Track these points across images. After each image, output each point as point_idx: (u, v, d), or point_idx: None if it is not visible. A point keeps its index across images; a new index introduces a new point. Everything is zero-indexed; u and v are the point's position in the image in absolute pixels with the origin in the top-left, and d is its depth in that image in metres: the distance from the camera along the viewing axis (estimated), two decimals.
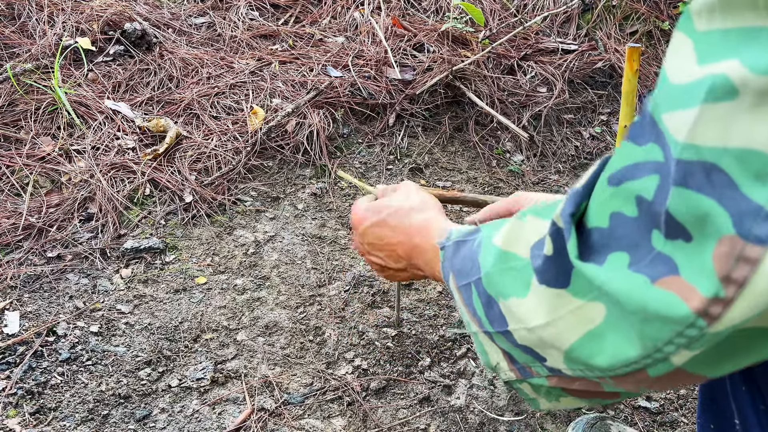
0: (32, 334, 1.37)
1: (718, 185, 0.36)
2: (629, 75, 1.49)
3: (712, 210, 0.36)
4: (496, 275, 0.56)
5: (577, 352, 0.47)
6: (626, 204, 0.43)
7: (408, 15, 2.58)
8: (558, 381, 0.54)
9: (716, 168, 0.36)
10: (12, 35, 2.14)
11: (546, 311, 0.49)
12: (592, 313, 0.45)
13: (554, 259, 0.48)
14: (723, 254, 0.36)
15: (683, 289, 0.38)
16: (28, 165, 1.77)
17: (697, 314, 0.37)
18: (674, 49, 0.41)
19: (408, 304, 1.53)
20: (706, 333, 0.38)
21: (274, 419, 1.25)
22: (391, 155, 2.07)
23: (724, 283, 0.36)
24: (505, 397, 1.33)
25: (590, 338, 0.46)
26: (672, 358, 0.41)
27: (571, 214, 0.46)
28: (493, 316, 0.56)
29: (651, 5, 2.71)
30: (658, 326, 0.40)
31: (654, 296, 0.39)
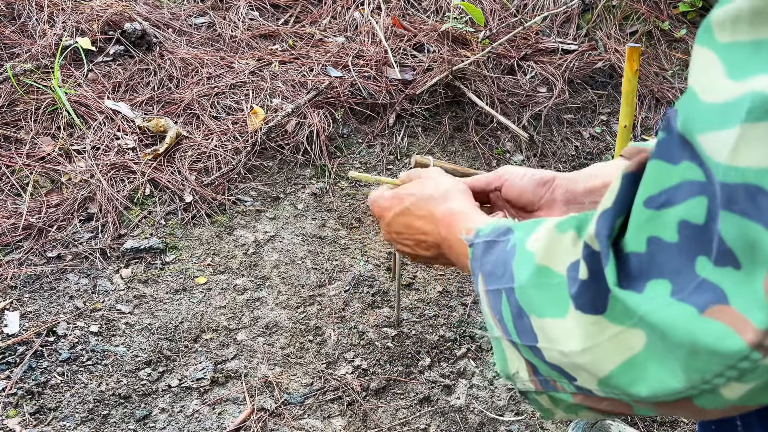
0: (32, 334, 1.37)
1: (764, 209, 0.34)
2: (629, 75, 1.49)
3: (759, 236, 0.34)
4: (532, 290, 0.54)
5: (615, 379, 0.45)
6: (665, 229, 0.41)
7: (408, 15, 2.58)
8: (584, 399, 0.52)
9: (762, 191, 0.34)
10: (12, 35, 2.14)
11: (582, 338, 0.47)
12: (632, 341, 0.43)
13: (589, 283, 0.46)
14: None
15: (735, 321, 0.36)
16: (28, 165, 1.77)
17: (752, 347, 0.36)
18: (699, 65, 0.40)
19: (408, 304, 1.53)
20: (759, 365, 0.36)
21: (274, 419, 1.25)
22: (391, 155, 2.07)
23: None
24: (505, 397, 1.33)
25: (630, 366, 0.44)
26: (721, 390, 0.39)
27: (607, 236, 0.44)
28: (523, 329, 0.54)
29: (651, 5, 2.71)
30: (706, 359, 0.38)
31: (703, 328, 0.37)
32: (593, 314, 0.45)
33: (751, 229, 0.35)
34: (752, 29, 0.36)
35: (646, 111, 2.40)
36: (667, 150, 0.41)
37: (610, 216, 0.45)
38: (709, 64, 0.38)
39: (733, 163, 0.35)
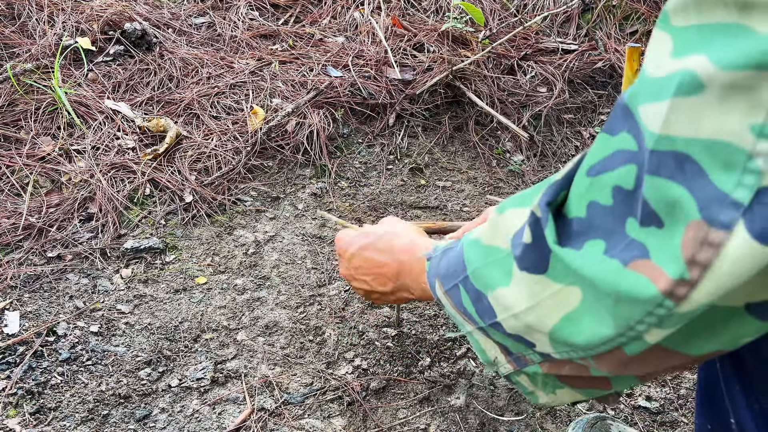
0: (32, 334, 1.37)
1: (689, 174, 0.37)
2: (629, 75, 1.49)
3: (682, 197, 0.38)
4: (482, 269, 0.58)
5: (558, 333, 0.50)
6: (602, 193, 0.45)
7: (408, 15, 2.58)
8: (550, 367, 0.56)
9: (689, 158, 0.37)
10: (12, 35, 2.14)
11: (527, 296, 0.51)
12: (570, 297, 0.47)
13: (533, 246, 0.50)
14: (689, 239, 0.38)
15: (652, 272, 0.40)
16: (28, 165, 1.77)
17: (665, 295, 0.39)
18: (653, 45, 0.43)
19: (408, 304, 1.53)
20: (674, 313, 0.40)
21: (274, 419, 1.25)
22: (391, 155, 2.07)
23: (690, 265, 0.38)
24: (505, 397, 1.33)
25: (569, 320, 0.48)
26: (645, 337, 0.43)
27: (548, 203, 0.48)
28: (483, 310, 0.58)
29: (651, 5, 2.71)
30: (629, 306, 0.42)
31: (626, 279, 0.41)
32: (536, 274, 0.50)
33: (675, 191, 0.38)
34: (697, 15, 0.39)
35: None
36: (612, 123, 0.45)
37: (556, 186, 0.50)
38: (662, 43, 0.42)
39: (664, 132, 0.39)
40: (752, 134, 0.35)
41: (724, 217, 0.36)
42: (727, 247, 0.36)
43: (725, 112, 0.36)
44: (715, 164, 0.36)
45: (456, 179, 2.03)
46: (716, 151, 0.36)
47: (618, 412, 1.32)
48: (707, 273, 0.37)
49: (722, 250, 0.36)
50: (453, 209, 1.89)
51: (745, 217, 0.35)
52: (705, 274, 0.38)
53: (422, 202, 1.90)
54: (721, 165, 0.36)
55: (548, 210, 0.48)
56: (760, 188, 0.35)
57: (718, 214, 0.36)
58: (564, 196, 0.50)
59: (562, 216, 0.49)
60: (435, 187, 1.98)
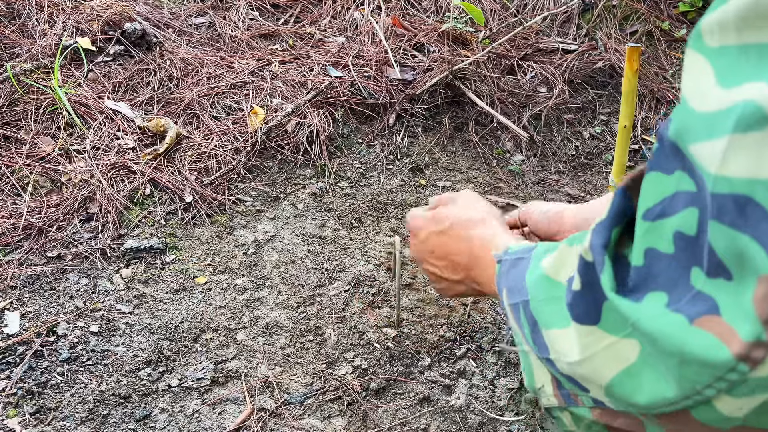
0: (32, 334, 1.37)
1: (752, 219, 0.34)
2: (629, 75, 1.49)
3: (748, 246, 0.34)
4: (541, 303, 0.54)
5: (616, 388, 0.46)
6: (661, 240, 0.41)
7: (408, 15, 2.58)
8: (601, 414, 0.52)
9: (750, 201, 0.34)
10: (12, 35, 2.14)
11: (580, 348, 0.47)
12: (627, 351, 0.43)
13: (583, 294, 0.46)
14: (763, 295, 0.34)
15: (723, 332, 0.36)
16: (28, 165, 1.77)
17: (738, 359, 0.36)
18: (690, 71, 0.39)
19: (408, 304, 1.53)
20: (748, 378, 0.36)
21: (274, 419, 1.25)
22: (391, 155, 2.07)
23: (766, 325, 0.34)
24: (505, 397, 1.33)
25: (627, 375, 0.44)
26: (715, 403, 0.39)
27: (603, 246, 0.44)
28: (538, 342, 0.55)
29: (651, 5, 2.71)
30: (696, 369, 0.38)
31: (692, 337, 0.37)
32: (588, 325, 0.46)
33: (739, 240, 0.35)
34: (738, 33, 0.36)
35: (646, 111, 2.40)
36: (662, 160, 0.41)
37: (604, 226, 0.45)
38: (700, 70, 0.38)
39: (721, 173, 0.35)
40: None
41: None
42: None
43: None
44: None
45: (456, 179, 2.03)
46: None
47: None
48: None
49: None
50: None
51: None
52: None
53: (422, 202, 1.90)
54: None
55: (605, 253, 0.44)
56: None
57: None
58: (616, 236, 0.46)
59: (620, 260, 0.45)
60: (435, 187, 1.98)
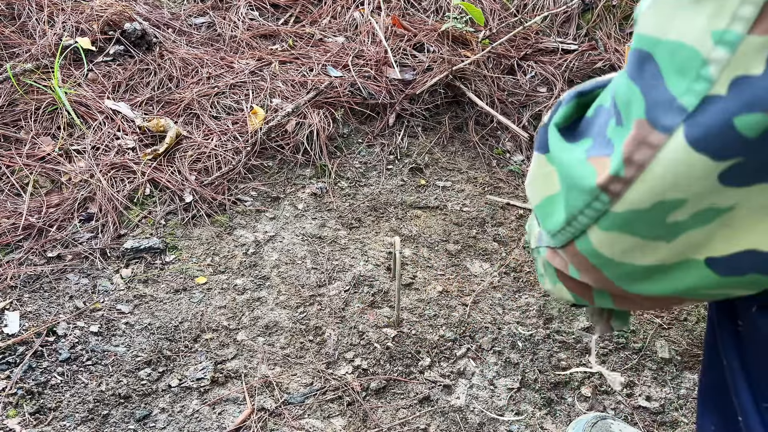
0: (32, 334, 1.37)
1: (647, 74, 0.38)
2: None
3: (635, 96, 0.38)
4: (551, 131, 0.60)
5: (538, 210, 0.52)
6: (606, 96, 0.45)
7: (408, 15, 2.58)
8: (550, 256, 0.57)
9: (651, 57, 0.38)
10: (12, 35, 2.14)
11: (531, 172, 0.53)
12: (554, 181, 0.48)
13: (546, 126, 0.51)
14: (632, 137, 0.38)
15: (601, 166, 0.41)
16: (28, 165, 1.77)
17: (600, 188, 0.40)
18: None
19: (408, 304, 1.53)
20: (609, 211, 0.41)
21: (274, 419, 1.25)
22: (391, 155, 2.07)
23: (627, 163, 0.38)
24: (505, 397, 1.33)
25: (548, 201, 0.50)
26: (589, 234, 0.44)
27: (579, 91, 0.49)
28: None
29: None
30: (574, 194, 0.43)
31: (580, 168, 0.43)
32: (540, 153, 0.51)
33: (632, 90, 0.39)
34: None
35: None
36: None
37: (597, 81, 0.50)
38: None
39: (637, 30, 0.39)
40: (711, 40, 0.35)
41: (666, 120, 0.36)
42: (664, 150, 0.36)
43: (694, 15, 0.36)
44: (672, 67, 0.36)
45: (456, 179, 2.03)
46: (677, 54, 0.36)
47: (618, 412, 1.32)
48: (642, 174, 0.38)
49: (658, 152, 0.37)
50: (453, 209, 1.89)
51: (686, 122, 0.36)
52: (639, 174, 0.38)
53: (422, 202, 1.90)
54: (677, 69, 0.36)
55: (575, 98, 0.49)
56: (707, 96, 0.35)
57: (661, 117, 0.37)
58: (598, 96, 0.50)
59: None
60: (435, 187, 1.98)
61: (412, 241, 1.74)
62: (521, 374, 1.38)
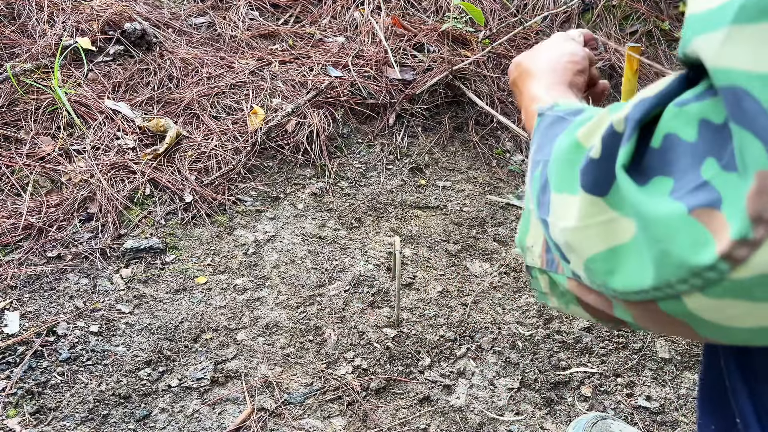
0: (32, 334, 1.37)
1: (750, 113, 0.33)
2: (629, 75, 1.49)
3: (747, 140, 0.33)
4: (559, 164, 0.51)
5: (596, 265, 0.44)
6: (685, 127, 0.38)
7: (408, 15, 2.58)
8: (576, 287, 0.51)
9: (747, 95, 0.33)
10: (12, 35, 2.14)
11: (579, 216, 0.45)
12: (621, 230, 0.42)
13: (599, 163, 0.44)
14: (756, 191, 0.32)
15: (717, 227, 0.34)
16: (28, 165, 1.77)
17: (721, 257, 0.34)
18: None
19: (408, 304, 1.53)
20: (725, 279, 0.35)
21: (274, 419, 1.25)
22: (391, 155, 2.07)
23: (756, 223, 0.32)
24: (505, 397, 1.33)
25: (612, 254, 0.43)
26: (684, 299, 0.38)
27: (638, 119, 0.42)
28: (543, 201, 0.53)
29: (651, 5, 2.71)
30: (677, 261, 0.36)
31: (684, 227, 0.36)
32: (595, 195, 0.44)
33: (741, 135, 0.33)
34: None
35: None
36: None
37: (647, 104, 0.43)
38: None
39: (719, 65, 0.34)
40: None
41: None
42: None
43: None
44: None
45: (456, 179, 2.03)
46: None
47: (618, 412, 1.32)
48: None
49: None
50: (453, 209, 1.89)
51: None
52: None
53: (422, 202, 1.90)
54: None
55: (636, 128, 0.41)
56: None
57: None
58: (656, 116, 0.43)
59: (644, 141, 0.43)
60: (435, 187, 1.98)
61: (412, 241, 1.74)
62: (521, 374, 1.38)
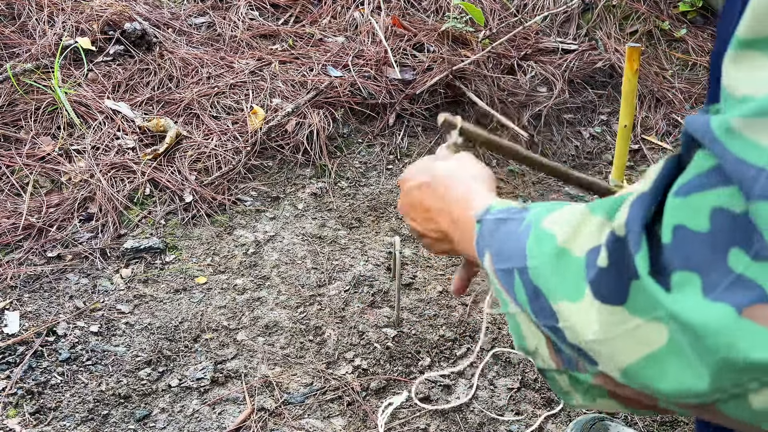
0: (32, 334, 1.37)
1: None
2: (629, 75, 1.49)
3: None
4: (547, 272, 0.50)
5: (635, 374, 0.42)
6: (695, 217, 0.38)
7: (408, 15, 2.58)
8: (605, 381, 0.48)
9: None
10: (12, 35, 2.14)
11: (600, 328, 0.44)
12: (652, 336, 0.40)
13: (609, 271, 0.43)
14: None
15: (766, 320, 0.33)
16: (28, 165, 1.77)
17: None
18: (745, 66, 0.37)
19: (408, 304, 1.53)
20: None
21: (274, 419, 1.25)
22: (391, 155, 2.07)
23: None
24: (505, 397, 1.33)
25: (651, 361, 0.41)
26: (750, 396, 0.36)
27: (641, 222, 0.41)
28: (540, 309, 0.50)
29: (651, 5, 2.71)
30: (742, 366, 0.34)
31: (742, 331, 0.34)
32: (612, 305, 0.42)
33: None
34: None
35: (646, 111, 2.40)
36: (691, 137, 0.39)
37: (645, 201, 0.41)
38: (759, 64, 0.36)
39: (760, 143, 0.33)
40: None
41: None
42: None
43: None
44: None
45: None
46: None
47: (617, 413, 1.32)
48: None
49: None
50: None
51: None
52: None
53: None
54: None
55: (642, 231, 0.40)
56: None
57: None
58: (653, 214, 0.42)
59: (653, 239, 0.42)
60: None
61: (412, 241, 1.74)
62: (521, 374, 1.38)
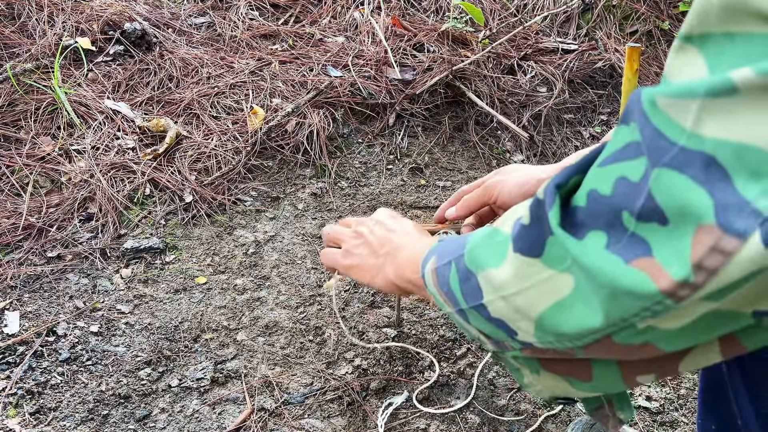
0: (32, 334, 1.37)
1: (713, 177, 0.37)
2: (629, 75, 1.49)
3: (698, 199, 0.37)
4: (478, 248, 0.57)
5: (547, 320, 0.49)
6: (603, 183, 0.44)
7: (408, 15, 2.58)
8: (532, 351, 0.55)
9: (714, 160, 0.37)
10: (12, 35, 2.14)
11: (519, 278, 0.50)
12: (562, 285, 0.47)
13: (530, 227, 0.49)
14: (700, 243, 0.37)
15: (654, 270, 0.39)
16: (28, 165, 1.77)
17: (665, 294, 0.39)
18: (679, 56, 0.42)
19: (408, 304, 1.53)
20: (671, 308, 0.40)
21: (274, 419, 1.25)
22: (391, 155, 2.07)
23: (696, 270, 0.37)
24: (505, 397, 1.33)
25: (558, 307, 0.48)
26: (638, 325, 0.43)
27: (556, 185, 0.47)
28: (469, 290, 0.57)
29: (651, 5, 2.71)
30: (626, 301, 0.41)
31: (626, 276, 0.41)
32: (530, 257, 0.49)
33: (693, 192, 0.37)
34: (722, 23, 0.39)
35: None
36: (625, 114, 0.44)
37: (568, 171, 0.48)
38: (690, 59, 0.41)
39: (696, 131, 0.38)
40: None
41: (740, 225, 0.35)
42: (738, 255, 0.35)
43: (760, 115, 0.35)
44: (742, 170, 0.36)
45: (456, 179, 2.03)
46: (745, 156, 0.36)
47: None
48: (713, 278, 0.37)
49: (733, 258, 0.36)
50: None
51: (762, 227, 0.35)
52: (710, 278, 0.37)
53: (422, 202, 1.90)
54: (748, 172, 0.35)
55: (556, 192, 0.47)
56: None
57: (734, 222, 0.35)
58: (575, 183, 0.49)
59: (570, 205, 0.48)
60: (435, 187, 1.98)
61: None
62: None
